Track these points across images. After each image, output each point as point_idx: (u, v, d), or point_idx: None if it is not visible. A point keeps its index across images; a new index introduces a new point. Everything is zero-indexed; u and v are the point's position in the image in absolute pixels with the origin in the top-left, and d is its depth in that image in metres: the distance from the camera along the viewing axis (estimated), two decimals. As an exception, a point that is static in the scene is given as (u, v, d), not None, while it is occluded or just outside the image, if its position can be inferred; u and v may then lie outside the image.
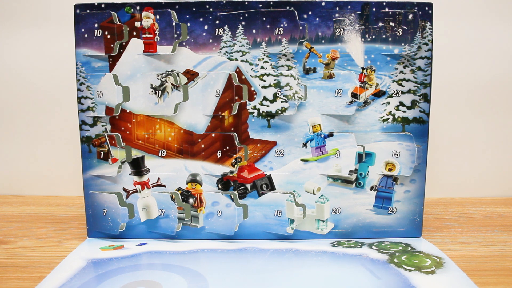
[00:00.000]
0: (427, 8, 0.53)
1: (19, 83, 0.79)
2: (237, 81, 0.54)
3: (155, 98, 0.54)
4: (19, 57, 0.79)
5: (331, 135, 0.55)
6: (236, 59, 0.54)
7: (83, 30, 0.54)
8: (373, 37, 0.54)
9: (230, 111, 0.55)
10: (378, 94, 0.55)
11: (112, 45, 0.54)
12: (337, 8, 0.53)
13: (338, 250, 0.53)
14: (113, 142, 0.55)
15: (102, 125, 0.55)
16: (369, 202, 0.56)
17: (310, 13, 0.53)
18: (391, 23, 0.53)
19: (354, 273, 0.47)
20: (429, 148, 0.56)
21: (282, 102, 0.55)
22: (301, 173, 0.56)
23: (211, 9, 0.53)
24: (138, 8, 0.54)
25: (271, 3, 0.53)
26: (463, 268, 0.47)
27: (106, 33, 0.54)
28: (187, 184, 0.56)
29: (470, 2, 0.75)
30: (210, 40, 0.54)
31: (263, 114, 0.55)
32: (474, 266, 0.48)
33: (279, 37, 0.54)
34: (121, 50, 0.54)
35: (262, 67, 0.54)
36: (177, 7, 0.53)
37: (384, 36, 0.54)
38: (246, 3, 0.53)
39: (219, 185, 0.56)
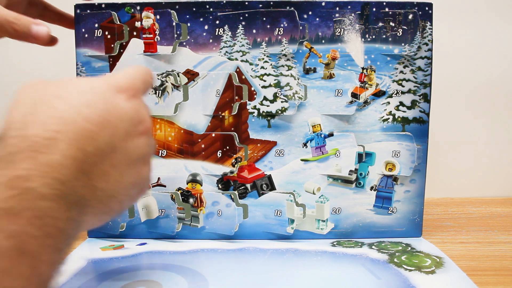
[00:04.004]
0: (427, 8, 0.53)
1: (19, 83, 0.79)
2: (237, 81, 0.54)
3: (155, 98, 0.54)
4: (19, 57, 0.79)
5: (331, 135, 0.55)
6: (236, 59, 0.54)
7: (83, 30, 0.54)
8: (373, 37, 0.54)
9: (230, 111, 0.55)
10: (378, 94, 0.55)
11: (112, 45, 0.54)
12: (337, 8, 0.53)
13: (338, 250, 0.53)
14: (113, 142, 0.55)
15: (102, 125, 0.55)
16: (369, 202, 0.56)
17: (310, 13, 0.53)
18: (391, 23, 0.53)
19: (354, 273, 0.47)
20: (429, 148, 0.56)
21: (282, 102, 0.55)
22: (301, 173, 0.56)
23: (211, 9, 0.53)
24: (138, 8, 0.54)
25: (271, 3, 0.53)
26: (463, 268, 0.47)
27: (106, 33, 0.54)
28: (187, 184, 0.56)
29: (470, 2, 0.75)
30: (210, 40, 0.54)
31: (263, 114, 0.55)
32: (474, 266, 0.48)
33: (279, 37, 0.54)
34: (121, 50, 0.54)
35: (262, 67, 0.54)
36: (177, 7, 0.53)
37: (384, 36, 0.54)
38: (246, 3, 0.53)
39: (219, 185, 0.56)
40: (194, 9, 0.53)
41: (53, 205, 0.24)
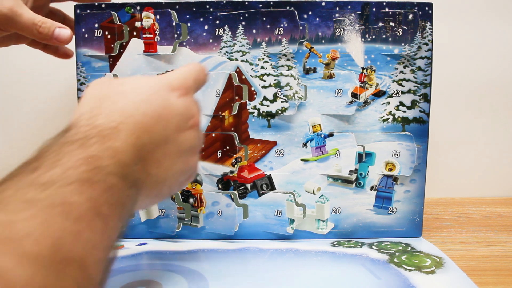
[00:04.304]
0: (427, 8, 0.53)
1: (18, 83, 0.79)
2: (237, 81, 0.54)
3: (155, 98, 0.54)
4: (19, 57, 0.79)
5: (331, 135, 0.55)
6: (236, 59, 0.54)
7: (83, 30, 0.54)
8: (373, 37, 0.54)
9: (230, 111, 0.55)
10: (378, 94, 0.55)
11: (112, 45, 0.54)
12: (337, 8, 0.53)
13: (338, 250, 0.53)
14: (113, 142, 0.55)
15: (102, 125, 0.55)
16: (369, 202, 0.56)
17: (310, 13, 0.53)
18: (391, 23, 0.53)
19: (354, 273, 0.47)
20: (429, 148, 0.56)
21: (282, 102, 0.55)
22: (301, 173, 0.56)
23: (211, 9, 0.53)
24: (138, 8, 0.54)
25: (271, 3, 0.53)
26: (463, 268, 0.47)
27: (107, 33, 0.54)
28: (187, 184, 0.56)
29: (470, 2, 0.75)
30: (210, 40, 0.54)
31: (263, 114, 0.55)
32: (474, 266, 0.48)
33: (279, 37, 0.54)
34: (121, 50, 0.54)
35: (262, 67, 0.54)
36: (177, 7, 0.53)
37: (384, 36, 0.54)
38: (246, 3, 0.53)
39: (219, 185, 0.56)
40: (194, 9, 0.53)
41: (118, 182, 0.29)
